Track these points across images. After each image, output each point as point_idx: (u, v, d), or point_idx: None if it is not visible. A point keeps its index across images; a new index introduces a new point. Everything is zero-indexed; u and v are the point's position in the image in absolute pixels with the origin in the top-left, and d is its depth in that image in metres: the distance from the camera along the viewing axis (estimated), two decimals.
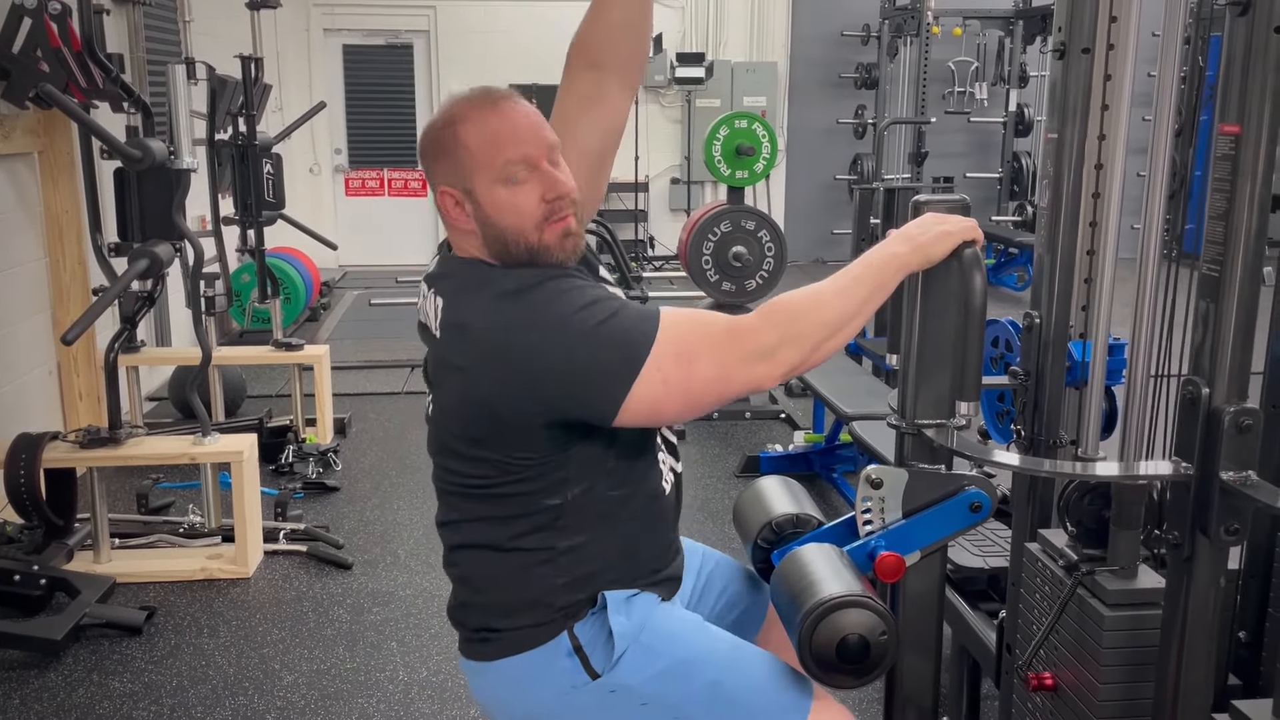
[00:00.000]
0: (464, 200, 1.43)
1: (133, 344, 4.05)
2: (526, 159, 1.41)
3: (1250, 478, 1.27)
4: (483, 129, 1.42)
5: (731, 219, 4.92)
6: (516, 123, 1.43)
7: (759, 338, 1.36)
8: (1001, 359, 2.25)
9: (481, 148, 1.41)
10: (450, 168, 1.44)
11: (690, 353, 1.35)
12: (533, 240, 1.42)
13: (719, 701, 1.46)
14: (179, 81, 3.64)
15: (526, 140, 1.42)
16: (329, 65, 9.21)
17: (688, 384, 1.36)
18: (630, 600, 1.50)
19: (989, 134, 9.52)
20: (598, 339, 1.35)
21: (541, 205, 1.42)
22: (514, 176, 1.41)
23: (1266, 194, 1.25)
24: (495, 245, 1.44)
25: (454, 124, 1.44)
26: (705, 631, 1.53)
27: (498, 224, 1.42)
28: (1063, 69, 1.64)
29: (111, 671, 2.81)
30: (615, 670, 1.45)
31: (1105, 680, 1.50)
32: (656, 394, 1.35)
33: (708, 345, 1.36)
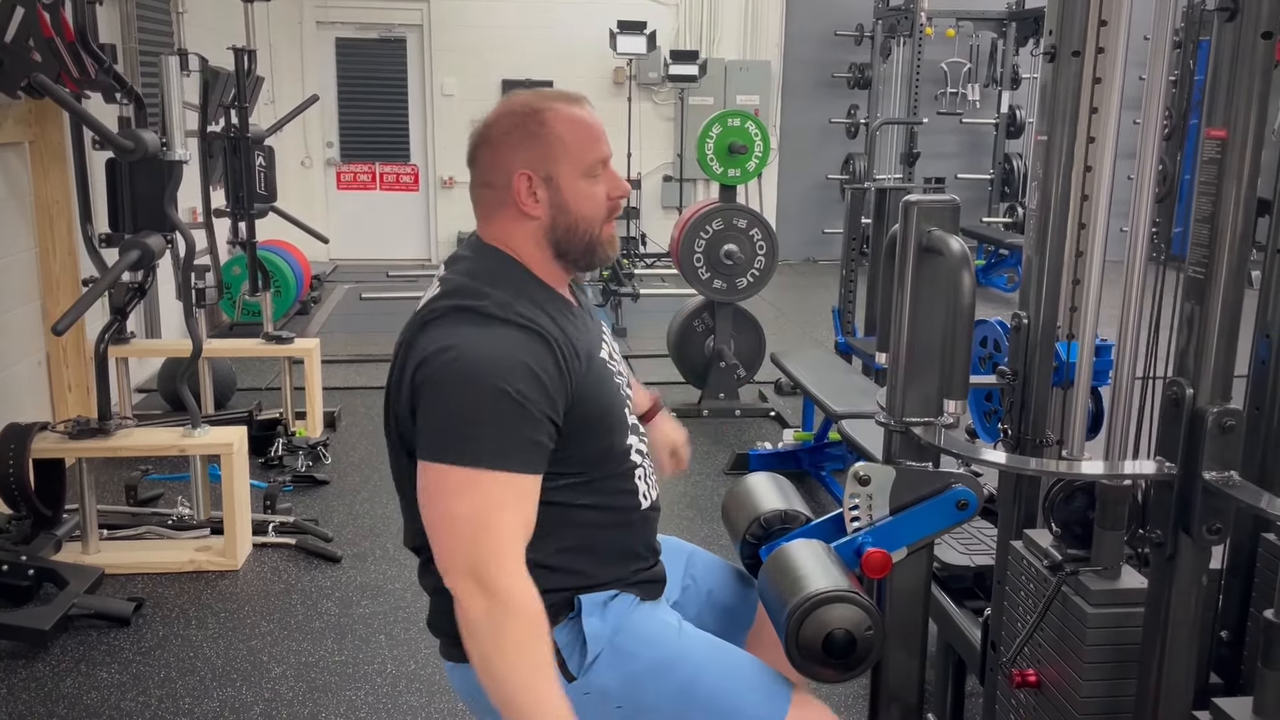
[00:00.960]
0: (541, 185, 1.48)
1: (123, 335, 4.05)
2: (605, 158, 1.53)
3: (1232, 478, 1.29)
4: (575, 123, 1.49)
5: (723, 217, 4.93)
6: (599, 124, 1.53)
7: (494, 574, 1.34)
8: (990, 359, 2.27)
9: (575, 139, 1.49)
10: (536, 153, 1.48)
11: (466, 501, 1.35)
12: (596, 232, 1.51)
13: (694, 703, 1.46)
14: (172, 73, 3.63)
15: (605, 142, 1.53)
16: (322, 58, 9.19)
17: (439, 505, 1.37)
18: (607, 603, 1.50)
19: (981, 135, 9.55)
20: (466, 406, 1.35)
21: (607, 202, 1.52)
22: (595, 171, 1.50)
23: (1252, 197, 1.26)
24: (560, 231, 1.50)
25: (541, 113, 1.49)
26: (682, 633, 1.53)
27: (574, 211, 1.49)
28: (1053, 72, 1.65)
29: (99, 662, 2.81)
30: (590, 673, 1.46)
31: (1088, 678, 1.52)
32: (427, 482, 1.38)
33: (479, 519, 1.35)
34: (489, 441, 1.35)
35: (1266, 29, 1.22)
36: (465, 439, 1.36)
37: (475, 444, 1.35)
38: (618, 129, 8.93)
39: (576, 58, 9.20)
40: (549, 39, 9.18)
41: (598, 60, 9.14)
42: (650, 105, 9.45)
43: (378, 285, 8.15)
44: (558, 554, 1.48)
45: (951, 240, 1.43)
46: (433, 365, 1.39)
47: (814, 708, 1.51)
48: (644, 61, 8.93)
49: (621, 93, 9.10)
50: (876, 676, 1.58)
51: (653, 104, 9.47)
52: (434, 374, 1.39)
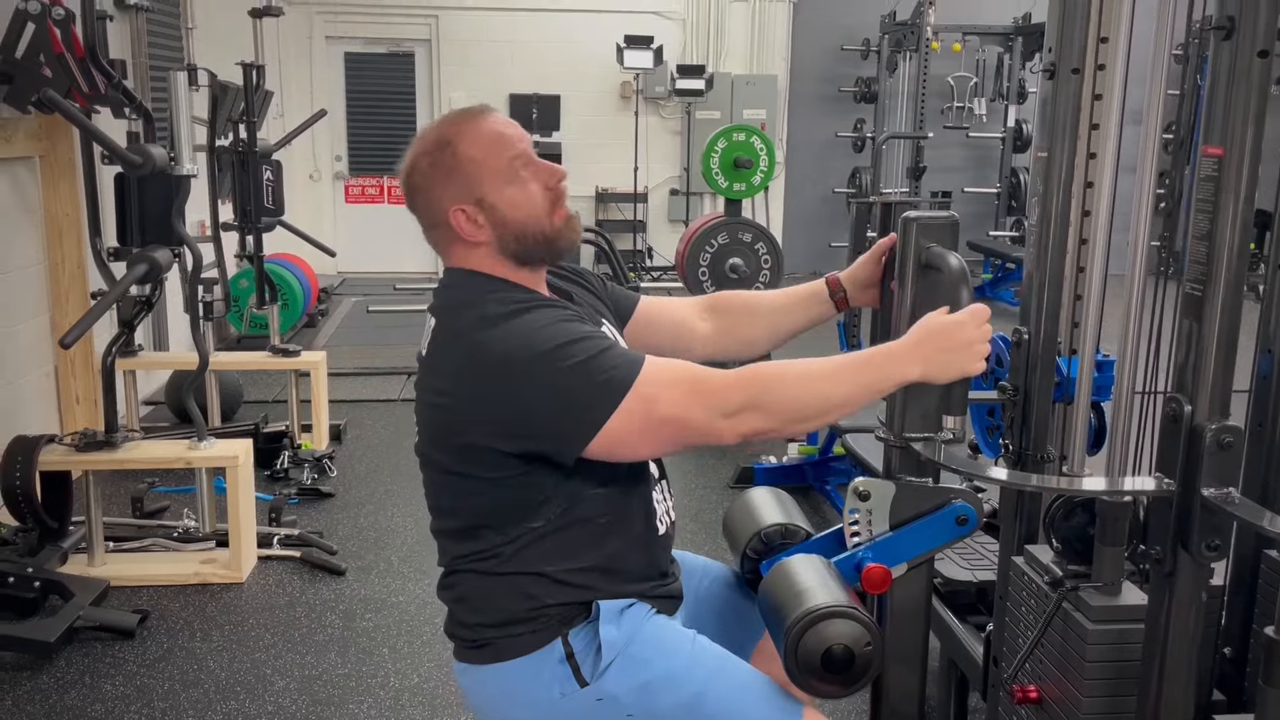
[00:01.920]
0: (477, 211, 1.49)
1: (130, 348, 4.07)
2: (523, 155, 1.51)
3: (1231, 494, 1.29)
4: (479, 139, 1.50)
5: (729, 231, 4.95)
6: (504, 127, 1.52)
7: (726, 395, 1.38)
8: (991, 374, 2.27)
9: (485, 155, 1.49)
10: (458, 184, 1.49)
11: (655, 391, 1.38)
12: (546, 227, 1.51)
13: (702, 716, 1.47)
14: (180, 88, 3.66)
15: (517, 139, 1.52)
16: (330, 73, 9.25)
17: (647, 421, 1.38)
18: (624, 611, 1.51)
19: (987, 149, 9.55)
20: (576, 374, 1.38)
21: (546, 193, 1.52)
22: (518, 174, 1.50)
23: (1249, 214, 1.27)
24: (511, 244, 1.50)
25: (449, 144, 1.50)
26: (695, 645, 1.54)
27: (514, 221, 1.50)
28: (1053, 88, 1.66)
29: (104, 674, 2.81)
30: (602, 679, 1.47)
31: (1089, 694, 1.52)
32: (623, 432, 1.39)
33: (672, 386, 1.39)
34: (611, 369, 1.38)
35: (1263, 47, 1.22)
36: (599, 389, 1.37)
37: (608, 379, 1.37)
38: (625, 142, 8.97)
39: (583, 72, 9.25)
40: (556, 53, 9.22)
41: (605, 74, 9.17)
42: (657, 119, 9.48)
43: (385, 298, 8.16)
44: (579, 572, 1.50)
45: (950, 256, 1.44)
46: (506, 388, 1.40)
47: None
48: (651, 76, 8.97)
49: (628, 107, 9.14)
50: (877, 692, 1.58)
51: (659, 118, 9.50)
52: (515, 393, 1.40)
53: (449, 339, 1.48)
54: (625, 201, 9.14)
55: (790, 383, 1.41)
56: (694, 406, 1.38)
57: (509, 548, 1.49)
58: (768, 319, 1.77)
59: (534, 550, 1.48)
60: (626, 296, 1.77)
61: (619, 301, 1.75)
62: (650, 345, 1.75)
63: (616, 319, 1.72)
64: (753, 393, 1.39)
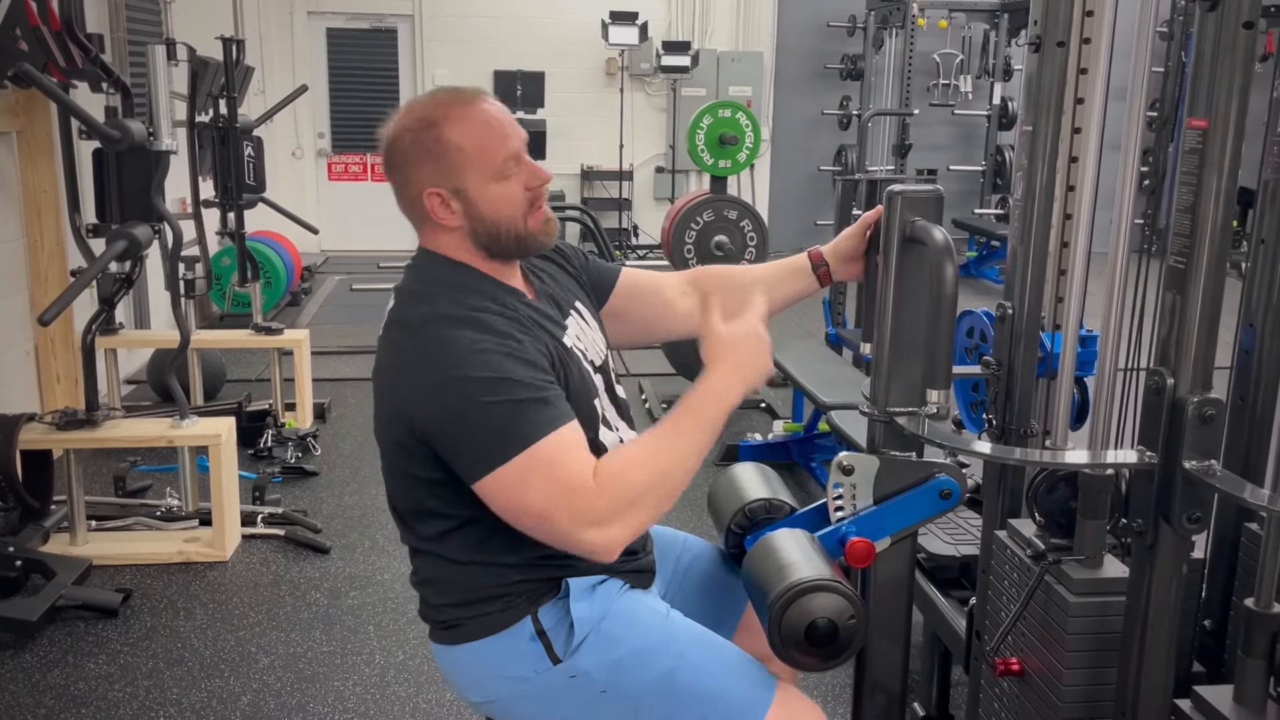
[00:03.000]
0: (452, 199, 1.45)
1: (111, 326, 4.04)
2: (515, 154, 1.46)
3: (1213, 467, 1.29)
4: (470, 128, 1.44)
5: (714, 208, 4.93)
6: (501, 119, 1.47)
7: (590, 502, 1.34)
8: (976, 349, 2.27)
9: (474, 147, 1.44)
10: (438, 169, 1.45)
11: (532, 482, 1.34)
12: (521, 228, 1.47)
13: (676, 691, 1.47)
14: (159, 62, 3.62)
15: (511, 135, 1.47)
16: (312, 48, 9.16)
17: (515, 504, 1.36)
18: (595, 587, 1.50)
19: (973, 127, 9.56)
20: (485, 415, 1.34)
21: (525, 194, 1.47)
22: (506, 171, 1.45)
23: (1232, 188, 1.27)
24: (484, 238, 1.47)
25: (437, 126, 1.44)
26: (669, 621, 1.53)
27: (490, 217, 1.46)
28: (1038, 62, 1.65)
29: (87, 653, 2.81)
30: (576, 656, 1.46)
31: (1070, 666, 1.52)
32: (494, 491, 1.37)
33: (547, 485, 1.34)
34: (515, 426, 1.34)
35: (1247, 19, 1.22)
36: (495, 440, 1.34)
37: (506, 436, 1.34)
38: (610, 120, 8.93)
39: (568, 48, 9.19)
40: (541, 29, 9.16)
41: (590, 51, 9.12)
42: (642, 96, 9.44)
43: (369, 276, 8.14)
44: (540, 560, 1.48)
45: (935, 230, 1.43)
46: (421, 393, 1.39)
47: (797, 700, 1.51)
48: (636, 52, 8.92)
49: (613, 84, 9.09)
50: (861, 665, 1.59)
51: (645, 95, 9.46)
52: (427, 403, 1.38)
53: (395, 328, 1.46)
54: (610, 179, 9.11)
55: (642, 468, 1.38)
56: (560, 510, 1.34)
57: (459, 535, 1.47)
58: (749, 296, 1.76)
59: (488, 541, 1.46)
60: (607, 270, 1.74)
61: (600, 275, 1.73)
62: (633, 319, 1.74)
63: (595, 294, 1.71)
64: (614, 495, 1.35)
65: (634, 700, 1.47)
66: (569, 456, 1.37)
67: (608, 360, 1.64)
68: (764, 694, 1.47)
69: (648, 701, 1.47)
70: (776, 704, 1.47)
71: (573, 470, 1.36)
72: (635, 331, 1.77)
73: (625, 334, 1.75)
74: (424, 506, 1.48)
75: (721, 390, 1.43)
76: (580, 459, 1.37)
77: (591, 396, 1.53)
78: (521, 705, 1.52)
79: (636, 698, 1.47)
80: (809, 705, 1.52)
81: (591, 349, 1.60)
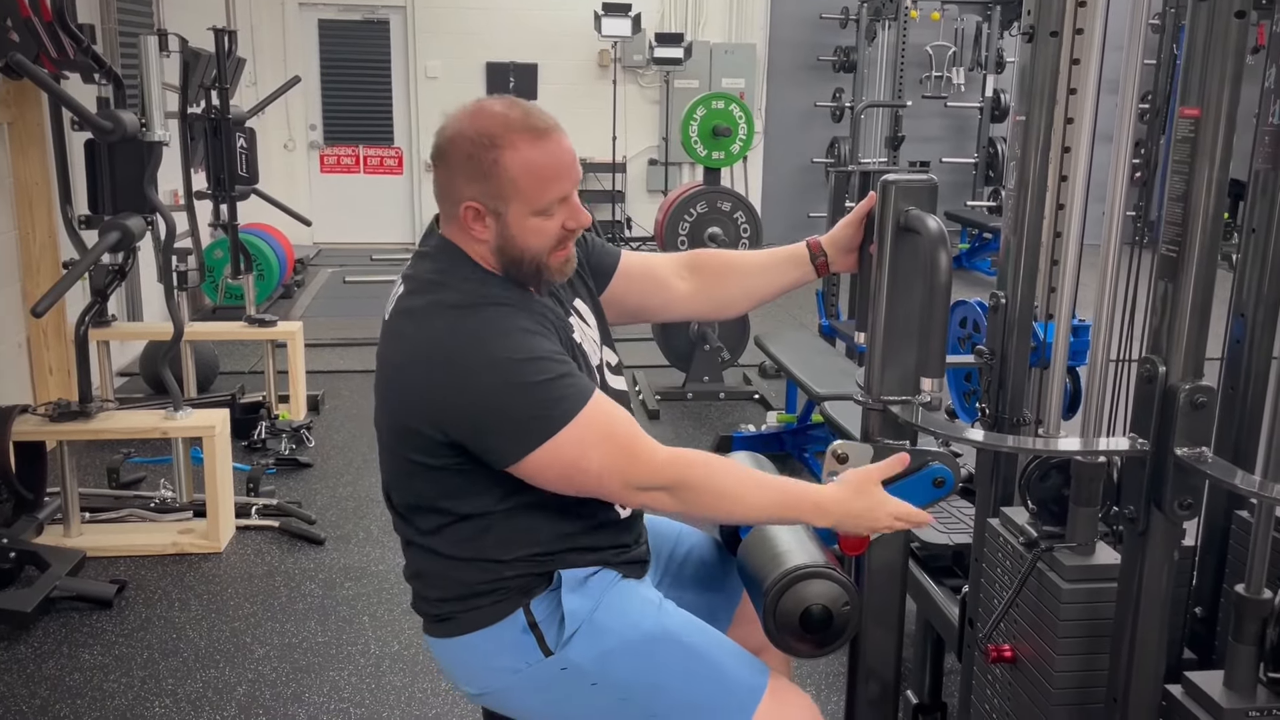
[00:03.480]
0: (489, 216, 1.45)
1: (103, 318, 4.03)
2: (564, 197, 1.46)
3: (1204, 454, 1.30)
4: (530, 161, 1.42)
5: (708, 200, 4.93)
6: (562, 160, 1.46)
7: (652, 475, 1.40)
8: (969, 339, 2.28)
9: (527, 180, 1.43)
10: (485, 188, 1.43)
11: (589, 447, 1.38)
12: (544, 261, 1.48)
13: (667, 685, 1.47)
14: (151, 53, 3.60)
15: (567, 178, 1.46)
16: (304, 40, 9.13)
17: (572, 471, 1.39)
18: (588, 579, 1.51)
19: (965, 119, 9.56)
20: (523, 397, 1.36)
21: (561, 232, 1.47)
22: (550, 211, 1.45)
23: (1224, 177, 1.27)
24: (505, 259, 1.47)
25: (499, 150, 1.41)
26: (661, 611, 1.53)
27: (520, 245, 1.46)
28: (1031, 52, 1.66)
29: (82, 644, 2.81)
30: (567, 648, 1.46)
31: (1062, 652, 1.54)
32: (543, 467, 1.39)
33: (606, 448, 1.39)
34: (554, 402, 1.37)
35: (1240, 8, 1.22)
36: (535, 419, 1.36)
37: (547, 413, 1.36)
38: (603, 112, 8.91)
39: (561, 40, 9.17)
40: (534, 21, 9.13)
41: (583, 42, 9.10)
42: (635, 88, 9.43)
43: (362, 269, 8.13)
44: (531, 557, 1.49)
45: (929, 219, 1.44)
46: (441, 383, 1.39)
47: (790, 691, 1.51)
48: (629, 44, 8.90)
49: (606, 75, 9.08)
50: (854, 653, 1.60)
51: (638, 87, 9.44)
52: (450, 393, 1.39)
53: (408, 315, 1.46)
54: (604, 171, 9.09)
55: (714, 491, 1.42)
56: (616, 475, 1.40)
57: (454, 530, 1.48)
58: (746, 282, 1.76)
59: (481, 539, 1.47)
60: (608, 254, 1.74)
61: (600, 260, 1.72)
62: (632, 303, 1.74)
63: (596, 279, 1.71)
64: (674, 480, 1.40)
65: (625, 691, 1.48)
66: (619, 420, 1.42)
67: (603, 355, 1.64)
68: (756, 684, 1.48)
69: (638, 693, 1.48)
70: (769, 694, 1.47)
71: (629, 433, 1.41)
72: (631, 313, 1.77)
73: (619, 315, 1.75)
74: (423, 498, 1.49)
75: (820, 510, 1.42)
76: (628, 422, 1.43)
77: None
78: (514, 696, 1.52)
79: (627, 689, 1.48)
80: (801, 696, 1.53)
81: (589, 347, 1.59)
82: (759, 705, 1.46)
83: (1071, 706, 1.55)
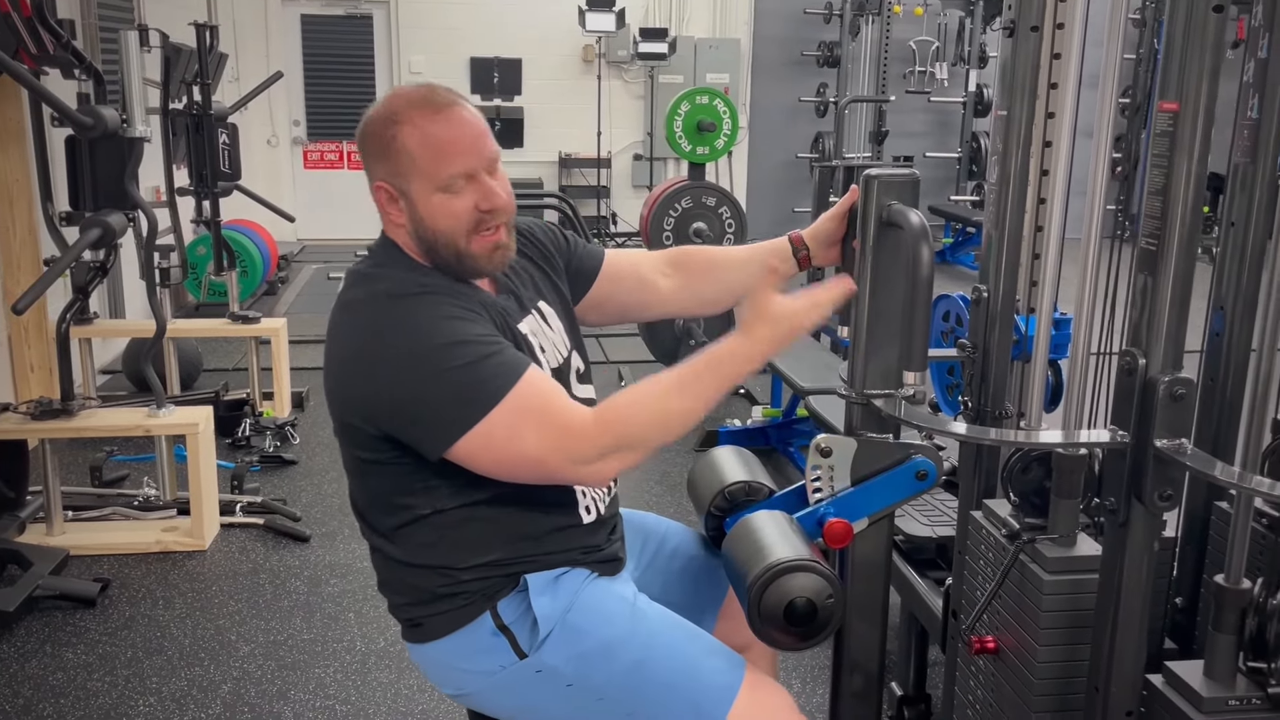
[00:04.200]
0: (400, 198, 1.45)
1: (85, 315, 4.00)
2: (468, 171, 1.43)
3: (1184, 445, 1.31)
4: (426, 136, 1.42)
5: (692, 195, 4.94)
6: (461, 133, 1.43)
7: (590, 444, 1.36)
8: (952, 333, 2.29)
9: (424, 155, 1.41)
10: (389, 167, 1.44)
11: (522, 428, 1.35)
12: (461, 246, 1.44)
13: (645, 681, 1.46)
14: (132, 48, 3.58)
15: (469, 152, 1.43)
16: (287, 35, 9.08)
17: (506, 453, 1.36)
18: (557, 579, 1.49)
19: (949, 114, 9.60)
20: (444, 382, 1.34)
21: (474, 214, 1.43)
22: (453, 187, 1.42)
23: (1203, 170, 1.28)
24: (423, 244, 1.46)
25: (396, 124, 1.42)
26: (635, 609, 1.52)
27: (430, 227, 1.44)
28: (1012, 47, 1.67)
29: (65, 643, 2.79)
30: (541, 650, 1.46)
31: (1044, 643, 1.55)
32: (476, 453, 1.36)
33: (539, 429, 1.35)
34: (478, 384, 1.34)
35: (1217, 3, 1.23)
36: (460, 402, 1.34)
37: (473, 396, 1.34)
38: (587, 107, 8.90)
39: (545, 35, 9.16)
40: (518, 16, 9.11)
41: (567, 38, 9.09)
42: (620, 83, 9.42)
43: (346, 265, 8.05)
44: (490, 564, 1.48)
45: (911, 213, 1.44)
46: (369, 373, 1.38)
47: (767, 686, 1.51)
48: (613, 39, 8.90)
49: (591, 70, 9.07)
50: (839, 646, 1.60)
51: (623, 82, 9.44)
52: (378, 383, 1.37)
53: (341, 309, 1.45)
54: (589, 167, 9.09)
55: (648, 411, 1.39)
56: (555, 451, 1.36)
57: (411, 533, 1.47)
58: (729, 277, 1.76)
59: (436, 545, 1.46)
60: (591, 256, 1.73)
61: (583, 262, 1.71)
62: (616, 303, 1.74)
63: (578, 281, 1.70)
64: (614, 436, 1.37)
65: (601, 692, 1.47)
66: (551, 397, 1.38)
67: (570, 359, 1.62)
68: (732, 680, 1.47)
69: (615, 693, 1.47)
70: (745, 689, 1.47)
71: (562, 409, 1.38)
72: (616, 313, 1.77)
73: (605, 315, 1.75)
74: (375, 498, 1.49)
75: (747, 356, 1.42)
76: (562, 398, 1.40)
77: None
78: (492, 697, 1.52)
79: (604, 689, 1.47)
80: (777, 689, 1.53)
81: (550, 350, 1.57)
82: (735, 700, 1.45)
83: (1053, 697, 1.56)
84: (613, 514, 1.62)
